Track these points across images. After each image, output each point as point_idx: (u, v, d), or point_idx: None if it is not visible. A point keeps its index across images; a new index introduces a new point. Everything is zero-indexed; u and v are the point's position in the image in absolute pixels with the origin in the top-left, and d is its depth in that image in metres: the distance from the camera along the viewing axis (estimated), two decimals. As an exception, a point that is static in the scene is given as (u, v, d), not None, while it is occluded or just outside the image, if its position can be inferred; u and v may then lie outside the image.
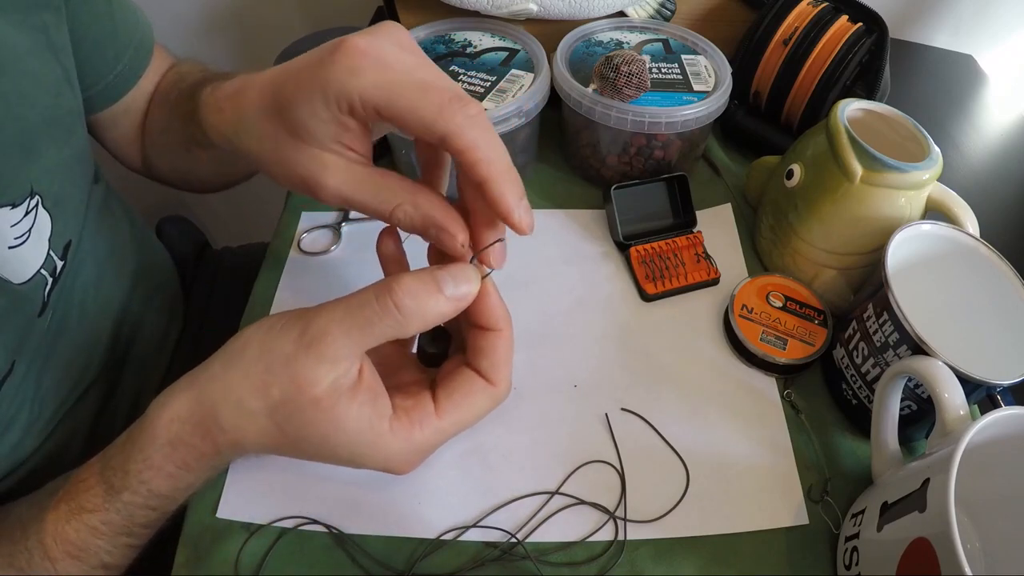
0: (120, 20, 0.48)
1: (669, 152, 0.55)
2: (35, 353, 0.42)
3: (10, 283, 0.39)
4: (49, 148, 0.41)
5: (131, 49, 0.49)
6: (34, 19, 0.40)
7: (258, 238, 0.73)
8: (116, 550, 0.34)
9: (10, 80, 0.38)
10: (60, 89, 0.42)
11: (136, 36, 0.50)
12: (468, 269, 0.32)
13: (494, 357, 0.34)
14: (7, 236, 0.38)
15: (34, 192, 0.39)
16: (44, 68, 0.41)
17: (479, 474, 0.41)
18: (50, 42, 0.41)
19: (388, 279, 0.30)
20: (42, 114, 0.40)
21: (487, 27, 0.59)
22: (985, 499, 0.37)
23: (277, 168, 0.34)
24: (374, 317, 0.30)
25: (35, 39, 0.40)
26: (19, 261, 0.39)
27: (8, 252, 0.38)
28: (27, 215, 0.39)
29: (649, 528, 0.39)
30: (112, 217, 0.52)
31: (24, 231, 0.39)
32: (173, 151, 0.50)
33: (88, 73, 0.46)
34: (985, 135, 0.73)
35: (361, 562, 0.37)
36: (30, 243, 0.40)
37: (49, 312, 0.43)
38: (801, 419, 0.44)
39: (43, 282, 0.41)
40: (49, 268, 0.42)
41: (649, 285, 0.50)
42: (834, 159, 0.45)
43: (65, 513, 0.33)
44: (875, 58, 0.55)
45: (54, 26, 0.42)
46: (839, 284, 0.48)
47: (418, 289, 0.30)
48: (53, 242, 0.42)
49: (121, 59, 0.48)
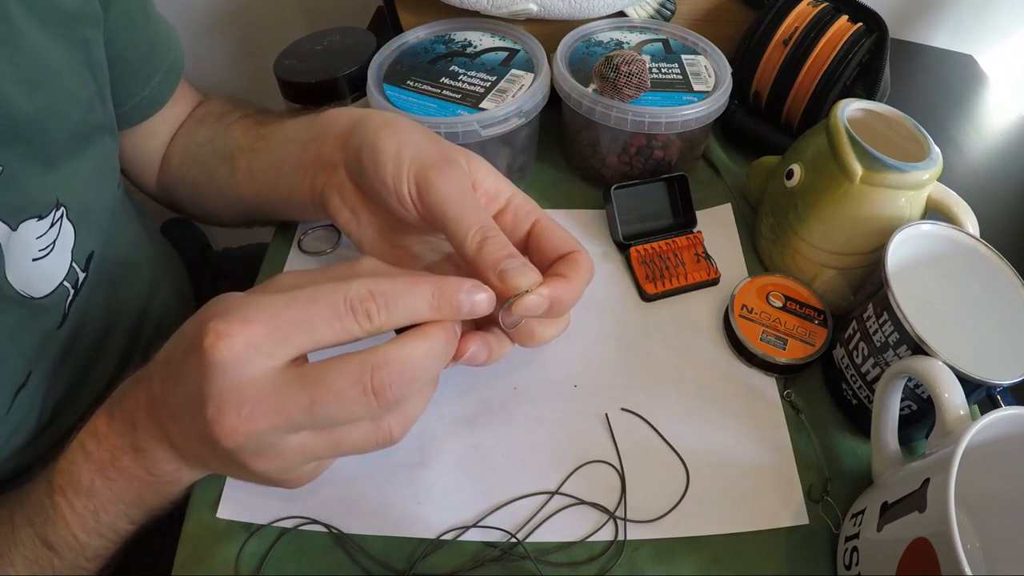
0: (156, 40, 0.48)
1: (669, 152, 0.55)
2: (51, 363, 0.42)
3: (32, 298, 0.38)
4: (75, 161, 0.41)
5: (162, 72, 0.49)
6: (77, 34, 0.40)
7: (258, 238, 0.73)
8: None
9: (45, 95, 0.38)
10: (92, 105, 0.42)
11: (168, 58, 0.49)
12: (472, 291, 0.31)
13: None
14: (32, 248, 0.38)
15: (59, 204, 0.39)
16: (79, 85, 0.41)
17: (479, 474, 0.41)
18: (89, 59, 0.41)
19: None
20: (72, 129, 0.40)
21: (487, 27, 0.59)
22: (985, 499, 0.37)
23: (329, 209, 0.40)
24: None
25: (74, 55, 0.40)
26: (42, 273, 0.39)
27: (32, 264, 0.38)
28: (52, 227, 0.39)
29: (649, 528, 0.39)
30: (130, 223, 0.52)
31: (48, 243, 0.39)
32: (209, 198, 0.51)
33: (118, 91, 0.46)
34: (985, 135, 0.73)
35: (361, 562, 0.37)
36: (53, 255, 0.39)
37: (68, 323, 0.42)
38: (801, 419, 0.44)
39: (65, 294, 0.41)
40: (72, 280, 0.42)
41: (649, 285, 0.50)
42: (834, 159, 0.45)
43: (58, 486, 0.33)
44: (875, 58, 0.55)
45: (95, 42, 0.42)
46: (839, 284, 0.48)
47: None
48: (76, 254, 0.41)
49: (152, 79, 0.48)
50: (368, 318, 0.28)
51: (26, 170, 0.37)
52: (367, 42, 0.59)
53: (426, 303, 0.29)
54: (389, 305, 0.28)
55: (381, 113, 0.39)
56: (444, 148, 0.36)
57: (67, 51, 0.39)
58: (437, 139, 0.37)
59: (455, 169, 0.34)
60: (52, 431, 0.44)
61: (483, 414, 0.43)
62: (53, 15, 0.38)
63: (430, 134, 0.38)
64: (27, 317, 0.38)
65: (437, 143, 0.37)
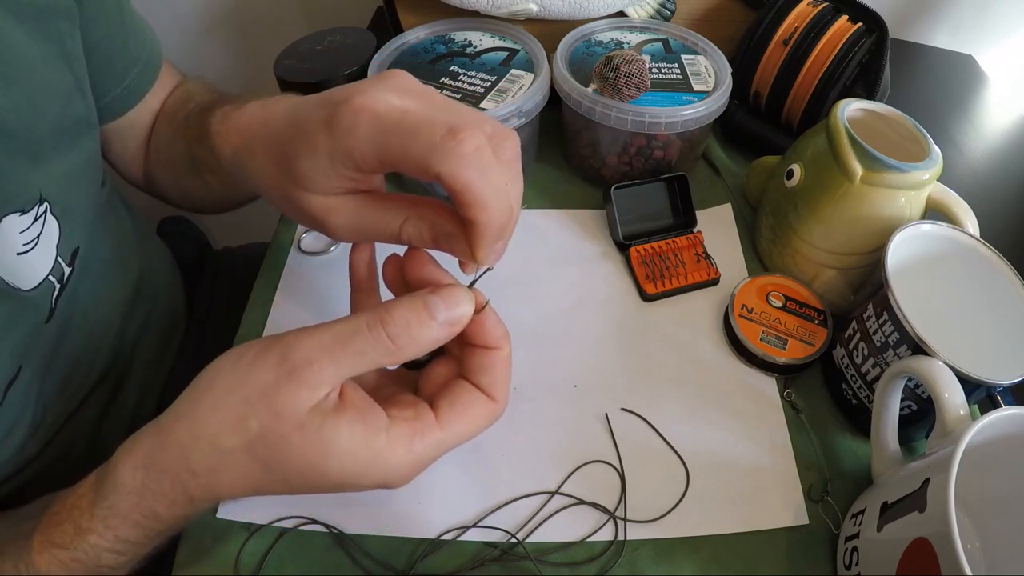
0: (131, 34, 0.48)
1: (669, 152, 0.55)
2: (40, 358, 0.42)
3: (19, 290, 0.39)
4: (58, 156, 0.41)
5: (140, 64, 0.49)
6: (50, 27, 0.40)
7: (258, 238, 0.73)
8: None
9: (22, 89, 0.38)
10: (71, 98, 0.42)
11: (145, 52, 0.50)
12: (460, 292, 0.31)
13: (494, 375, 0.33)
14: (15, 243, 0.38)
15: (42, 199, 0.39)
16: (56, 77, 0.41)
17: (479, 474, 0.41)
18: (64, 51, 0.41)
19: (380, 309, 0.29)
20: (52, 122, 0.40)
21: (487, 27, 0.59)
22: (985, 499, 0.37)
23: (285, 207, 0.34)
24: (366, 347, 0.29)
25: (49, 48, 0.40)
26: (27, 267, 0.39)
27: (16, 258, 0.38)
28: (35, 222, 0.39)
29: (649, 528, 0.39)
30: (117, 220, 0.52)
31: (32, 238, 0.39)
32: (178, 171, 0.50)
33: (96, 85, 0.46)
34: (985, 135, 0.73)
35: (361, 562, 0.37)
36: (38, 250, 0.39)
37: (56, 318, 0.43)
38: (801, 419, 0.44)
39: (51, 288, 0.41)
40: (57, 274, 0.42)
41: (649, 285, 0.50)
42: (834, 159, 0.45)
43: (39, 544, 0.31)
44: (875, 58, 0.55)
45: (68, 35, 0.42)
46: (839, 284, 0.48)
47: (411, 318, 0.29)
48: (61, 248, 0.42)
49: (130, 73, 0.48)
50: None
51: (6, 165, 0.37)
52: (367, 42, 0.59)
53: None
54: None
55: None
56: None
57: (41, 44, 0.40)
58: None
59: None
60: (45, 428, 0.44)
61: (483, 414, 0.43)
62: (26, 10, 0.38)
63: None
64: (14, 310, 0.38)
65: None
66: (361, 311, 0.30)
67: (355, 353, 0.29)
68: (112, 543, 0.31)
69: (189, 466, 0.29)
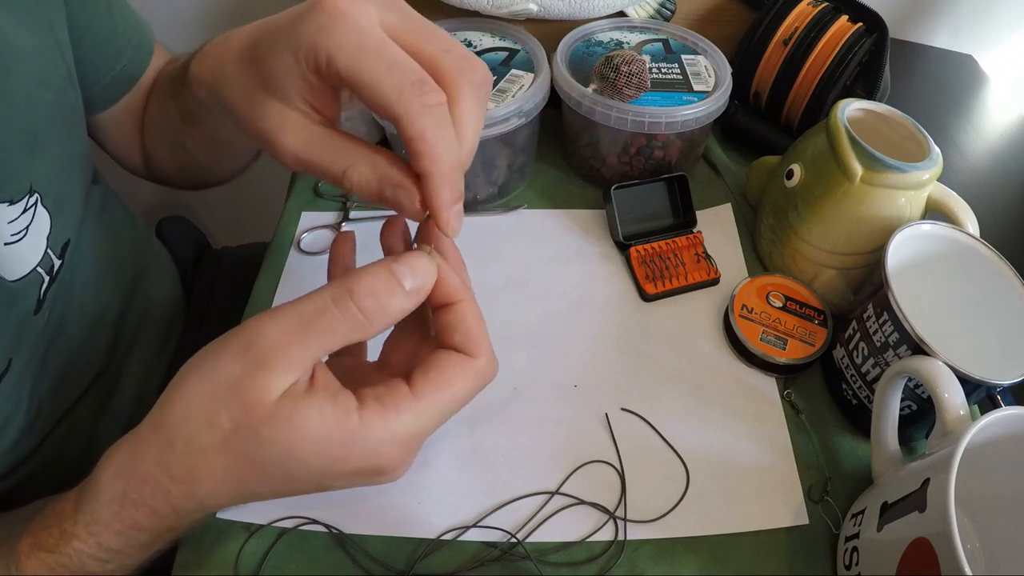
0: (120, 19, 0.48)
1: (669, 152, 0.55)
2: (32, 352, 0.42)
3: (4, 280, 0.39)
4: (51, 146, 0.41)
5: (131, 49, 0.49)
6: (40, 17, 0.40)
7: (258, 238, 0.73)
8: None
9: (16, 79, 0.38)
10: (64, 87, 0.43)
11: (136, 37, 0.50)
12: (422, 257, 0.30)
13: (464, 327, 0.31)
14: (3, 232, 0.38)
15: (33, 190, 0.39)
16: (50, 66, 0.41)
17: (479, 474, 0.41)
18: (56, 40, 0.42)
19: (344, 279, 0.28)
20: (46, 112, 0.40)
21: (487, 27, 0.59)
22: (985, 499, 0.37)
23: (245, 120, 0.32)
24: (334, 324, 0.28)
25: (42, 37, 0.40)
26: (14, 258, 0.39)
27: (3, 248, 0.38)
28: (25, 212, 0.39)
29: (649, 528, 0.39)
30: (112, 219, 0.52)
31: (21, 228, 0.39)
32: (169, 137, 0.50)
33: (88, 72, 0.46)
34: (985, 135, 0.73)
35: (361, 562, 0.37)
36: (27, 240, 0.40)
37: (46, 311, 0.43)
38: (801, 419, 0.44)
39: (39, 280, 0.41)
40: (46, 266, 0.42)
41: (649, 285, 0.50)
42: (834, 159, 0.45)
43: (27, 547, 0.31)
44: (875, 58, 0.55)
45: (59, 25, 0.42)
46: (839, 284, 0.48)
47: (378, 288, 0.28)
48: (51, 240, 0.42)
49: (121, 58, 0.48)
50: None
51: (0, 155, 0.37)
52: (367, 42, 0.59)
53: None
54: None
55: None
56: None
57: (34, 34, 0.40)
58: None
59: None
60: (40, 425, 0.44)
61: (483, 414, 0.43)
62: (16, 1, 0.39)
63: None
64: (1, 302, 0.38)
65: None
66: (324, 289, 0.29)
67: (323, 332, 0.28)
68: (95, 550, 0.30)
69: (168, 471, 0.28)
